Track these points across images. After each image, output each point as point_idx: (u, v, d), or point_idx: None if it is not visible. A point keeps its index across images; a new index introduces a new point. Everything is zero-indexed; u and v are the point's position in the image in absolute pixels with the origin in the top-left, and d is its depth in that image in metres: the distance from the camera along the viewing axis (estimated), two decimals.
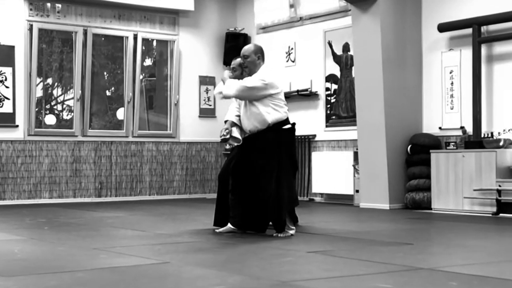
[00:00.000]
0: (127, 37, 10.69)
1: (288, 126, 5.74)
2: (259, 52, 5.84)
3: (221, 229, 5.89)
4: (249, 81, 5.69)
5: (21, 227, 6.48)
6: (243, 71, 6.00)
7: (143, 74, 11.26)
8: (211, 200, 10.50)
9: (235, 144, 5.91)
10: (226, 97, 5.84)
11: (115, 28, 10.60)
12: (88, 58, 10.30)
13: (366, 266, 4.07)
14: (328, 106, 10.14)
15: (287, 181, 5.64)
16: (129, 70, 10.68)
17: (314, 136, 10.32)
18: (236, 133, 5.85)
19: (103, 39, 10.96)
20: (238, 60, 6.09)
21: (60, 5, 10.15)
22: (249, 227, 5.77)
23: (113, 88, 11.57)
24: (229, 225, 5.83)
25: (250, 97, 5.70)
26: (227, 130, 5.81)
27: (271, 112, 5.68)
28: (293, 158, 5.78)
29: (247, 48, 5.85)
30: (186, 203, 9.79)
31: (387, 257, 4.49)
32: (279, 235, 5.57)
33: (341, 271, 3.92)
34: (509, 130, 7.98)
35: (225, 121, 6.08)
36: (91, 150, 10.36)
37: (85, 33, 10.29)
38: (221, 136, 5.83)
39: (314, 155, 10.17)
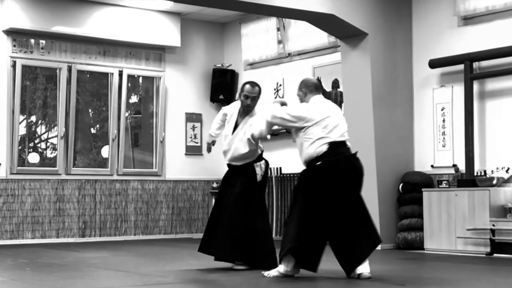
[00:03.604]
0: (112, 74, 10.57)
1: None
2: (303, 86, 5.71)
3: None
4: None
5: (2, 268, 6.36)
6: None
7: (129, 111, 11.15)
8: (197, 240, 10.33)
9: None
10: None
11: (100, 65, 10.48)
12: (72, 95, 10.17)
13: None
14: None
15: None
16: (114, 107, 10.53)
17: None
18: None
19: (88, 75, 10.85)
20: None
21: (44, 41, 10.02)
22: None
23: (98, 126, 11.45)
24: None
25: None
26: None
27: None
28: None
29: None
30: (172, 243, 9.67)
31: None
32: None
33: None
34: (502, 168, 7.87)
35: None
36: (75, 188, 10.18)
37: (69, 69, 10.16)
38: None
39: None
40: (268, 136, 6.02)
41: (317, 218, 5.29)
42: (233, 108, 6.38)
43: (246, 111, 6.21)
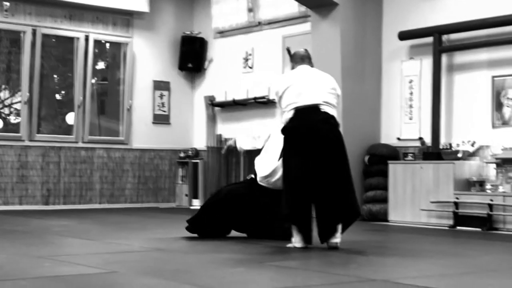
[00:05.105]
0: (78, 38, 10.36)
1: None
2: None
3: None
4: None
5: None
6: None
7: (95, 78, 11.00)
8: (163, 210, 10.33)
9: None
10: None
11: (65, 29, 10.27)
12: (37, 60, 9.97)
13: (319, 277, 4.04)
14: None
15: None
16: (80, 73, 10.35)
17: None
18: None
19: (53, 40, 10.65)
20: None
21: (8, 3, 9.78)
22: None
23: (63, 92, 11.30)
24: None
25: None
26: None
27: None
28: None
29: None
30: (138, 212, 9.59)
31: (340, 268, 4.45)
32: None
33: (293, 282, 3.85)
34: (468, 142, 7.92)
35: None
36: (39, 155, 10.03)
37: (34, 33, 9.94)
38: None
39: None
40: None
41: (293, 183, 5.30)
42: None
43: None
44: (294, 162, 5.30)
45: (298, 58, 5.65)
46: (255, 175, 6.03)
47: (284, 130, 5.41)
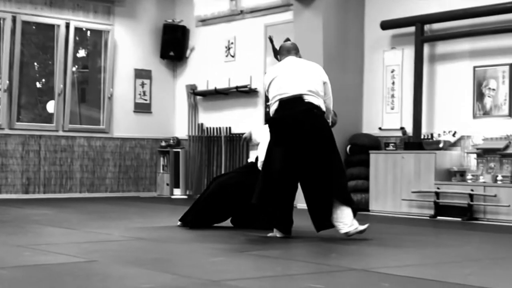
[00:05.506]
0: (58, 26, 10.25)
1: None
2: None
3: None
4: None
5: None
6: None
7: (76, 66, 10.89)
8: (144, 199, 10.28)
9: None
10: None
11: (46, 16, 10.16)
12: (17, 47, 9.86)
13: (298, 266, 4.06)
14: (268, 103, 9.92)
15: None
16: (60, 61, 10.24)
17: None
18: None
19: (33, 27, 10.55)
20: None
21: None
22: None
23: (43, 80, 11.19)
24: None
25: None
26: None
27: None
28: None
29: None
30: (118, 201, 9.55)
31: (321, 257, 4.48)
32: None
33: (273, 271, 3.85)
34: (449, 132, 7.94)
35: None
36: (18, 144, 9.94)
37: (14, 20, 9.83)
38: None
39: (252, 153, 9.97)
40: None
41: (275, 172, 5.28)
42: None
43: None
44: (278, 152, 5.30)
45: (284, 50, 5.67)
46: (257, 160, 6.04)
47: (269, 121, 5.43)
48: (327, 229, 5.37)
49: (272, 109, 5.39)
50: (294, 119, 5.25)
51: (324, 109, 5.38)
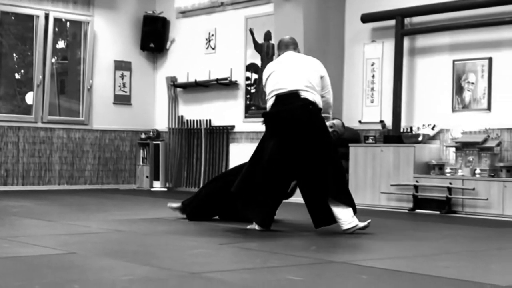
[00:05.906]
0: (38, 16, 10.16)
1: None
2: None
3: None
4: None
5: None
6: None
7: (55, 57, 10.80)
8: (124, 191, 10.24)
9: None
10: None
11: (25, 6, 10.06)
12: None
13: (278, 259, 4.06)
14: (248, 96, 9.93)
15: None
16: (39, 52, 10.15)
17: (233, 127, 10.09)
18: None
19: (12, 17, 10.44)
20: None
21: None
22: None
23: (22, 71, 11.10)
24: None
25: None
26: None
27: None
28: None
29: None
30: (97, 194, 9.51)
31: (299, 250, 4.49)
32: None
33: (252, 263, 3.87)
34: (428, 125, 7.98)
35: None
36: None
37: None
38: None
39: (232, 146, 9.98)
40: None
41: (260, 166, 5.29)
42: None
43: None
44: (270, 144, 5.32)
45: (283, 45, 5.67)
46: None
47: (264, 116, 5.43)
48: (326, 226, 5.38)
49: (269, 104, 5.43)
50: (289, 114, 5.27)
51: (320, 105, 5.40)
